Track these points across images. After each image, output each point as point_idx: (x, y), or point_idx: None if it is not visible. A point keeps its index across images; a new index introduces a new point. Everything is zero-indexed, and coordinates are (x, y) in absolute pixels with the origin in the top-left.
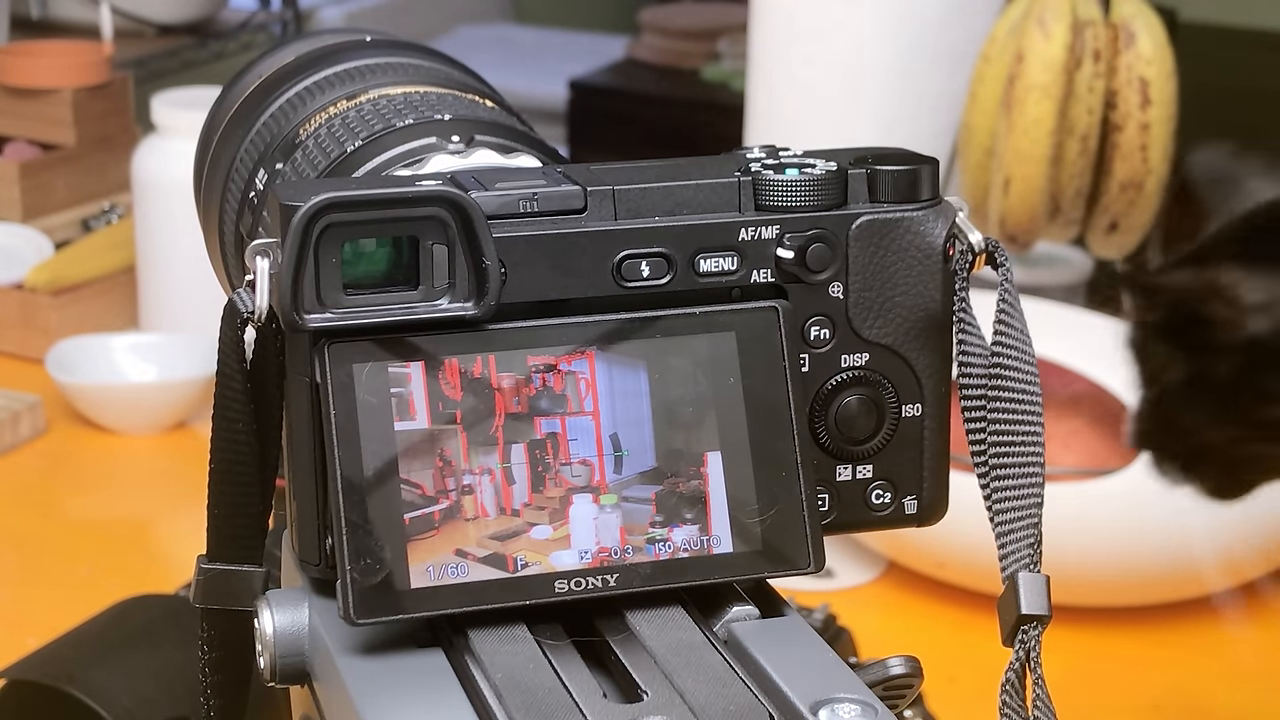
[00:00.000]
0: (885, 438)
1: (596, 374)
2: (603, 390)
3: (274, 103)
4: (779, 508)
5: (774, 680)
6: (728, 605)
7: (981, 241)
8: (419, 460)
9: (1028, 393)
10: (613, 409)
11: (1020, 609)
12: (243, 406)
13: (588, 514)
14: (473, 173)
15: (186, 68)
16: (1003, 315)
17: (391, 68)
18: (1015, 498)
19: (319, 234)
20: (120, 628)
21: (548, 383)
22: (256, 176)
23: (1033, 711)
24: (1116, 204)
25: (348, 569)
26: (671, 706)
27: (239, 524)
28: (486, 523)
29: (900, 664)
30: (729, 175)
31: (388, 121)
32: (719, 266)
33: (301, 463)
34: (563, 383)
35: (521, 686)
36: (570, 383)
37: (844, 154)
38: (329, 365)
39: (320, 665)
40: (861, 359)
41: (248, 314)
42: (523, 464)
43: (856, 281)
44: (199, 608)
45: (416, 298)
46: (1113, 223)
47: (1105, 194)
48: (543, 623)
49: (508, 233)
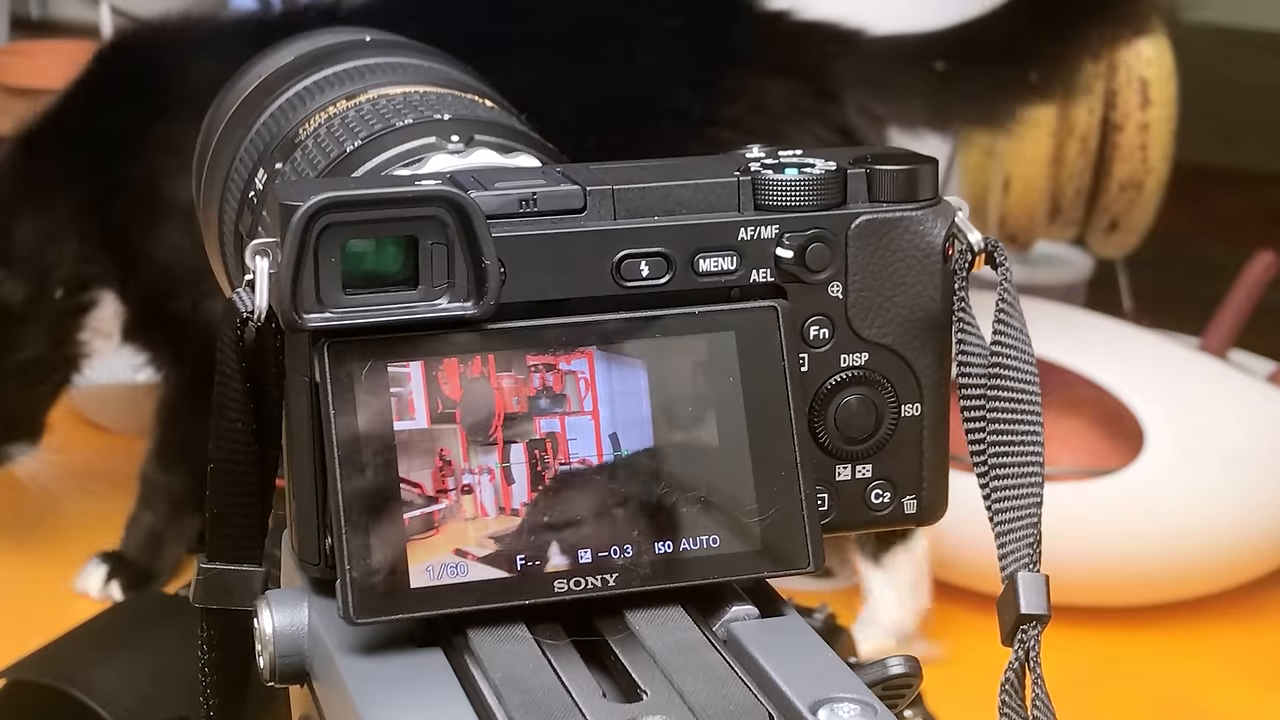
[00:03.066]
0: (884, 437)
1: (596, 374)
2: (602, 390)
3: (273, 103)
4: (778, 507)
5: (773, 680)
6: (727, 605)
7: (981, 241)
8: (419, 460)
9: (1027, 393)
10: (612, 408)
11: (1020, 608)
12: (243, 406)
13: (587, 513)
14: (472, 172)
15: None
16: (1002, 315)
17: (391, 67)
18: (1015, 498)
19: (319, 234)
20: (120, 628)
21: (547, 382)
22: (256, 176)
23: (1032, 711)
24: (1116, 204)
25: (347, 569)
26: (671, 706)
27: (239, 524)
28: (486, 522)
29: (900, 664)
30: (728, 175)
31: (387, 121)
32: (718, 266)
33: (301, 463)
34: (562, 382)
35: (521, 686)
36: (570, 382)
37: (843, 153)
38: (328, 365)
39: (320, 665)
40: (861, 359)
41: (247, 314)
42: (522, 464)
43: (856, 281)
44: (199, 607)
45: (416, 297)
46: (1113, 222)
47: (1105, 194)
48: (542, 622)
49: (507, 232)
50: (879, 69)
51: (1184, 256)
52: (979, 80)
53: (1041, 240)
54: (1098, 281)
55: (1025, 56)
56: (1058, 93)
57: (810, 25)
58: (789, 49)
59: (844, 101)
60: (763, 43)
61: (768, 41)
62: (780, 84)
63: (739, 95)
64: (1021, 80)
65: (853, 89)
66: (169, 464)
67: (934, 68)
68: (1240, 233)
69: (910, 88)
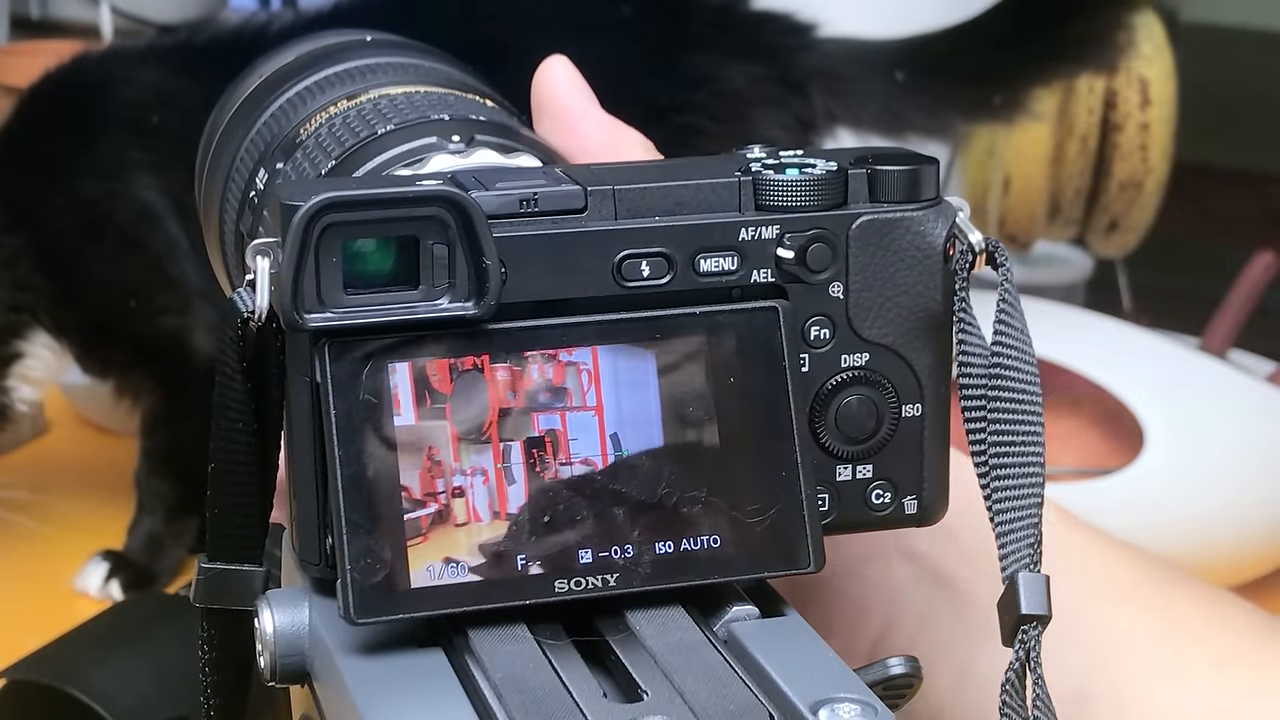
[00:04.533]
0: (885, 438)
1: (597, 373)
2: (604, 389)
3: (274, 103)
4: (779, 508)
5: (774, 680)
6: (728, 605)
7: (981, 241)
8: (419, 460)
9: (1028, 393)
10: (612, 408)
11: (1020, 609)
12: (243, 406)
13: (588, 513)
14: (473, 172)
15: None
16: (1003, 315)
17: (392, 68)
18: (1015, 498)
19: (319, 234)
20: (120, 628)
21: (547, 382)
22: (256, 176)
23: (1033, 711)
24: (1116, 203)
25: (348, 569)
26: (671, 706)
27: (239, 524)
28: (486, 523)
29: (900, 664)
30: (729, 175)
31: (388, 121)
32: (719, 266)
33: (302, 462)
34: (563, 381)
35: (521, 686)
36: (571, 381)
37: (844, 154)
38: (329, 365)
39: (320, 665)
40: (861, 359)
41: (248, 313)
42: (521, 463)
43: (856, 281)
44: (199, 607)
45: (416, 297)
46: (1113, 222)
47: (1105, 194)
48: (543, 622)
49: (508, 232)
50: (840, 69)
51: (1184, 256)
52: (938, 97)
53: (1041, 240)
54: (1098, 281)
55: (988, 79)
56: (1017, 118)
57: (765, 15)
58: (747, 35)
59: (809, 94)
60: (719, 30)
61: (723, 29)
62: (741, 68)
63: (702, 82)
64: (983, 102)
65: (813, 84)
66: (157, 469)
67: (894, 76)
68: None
69: (869, 93)
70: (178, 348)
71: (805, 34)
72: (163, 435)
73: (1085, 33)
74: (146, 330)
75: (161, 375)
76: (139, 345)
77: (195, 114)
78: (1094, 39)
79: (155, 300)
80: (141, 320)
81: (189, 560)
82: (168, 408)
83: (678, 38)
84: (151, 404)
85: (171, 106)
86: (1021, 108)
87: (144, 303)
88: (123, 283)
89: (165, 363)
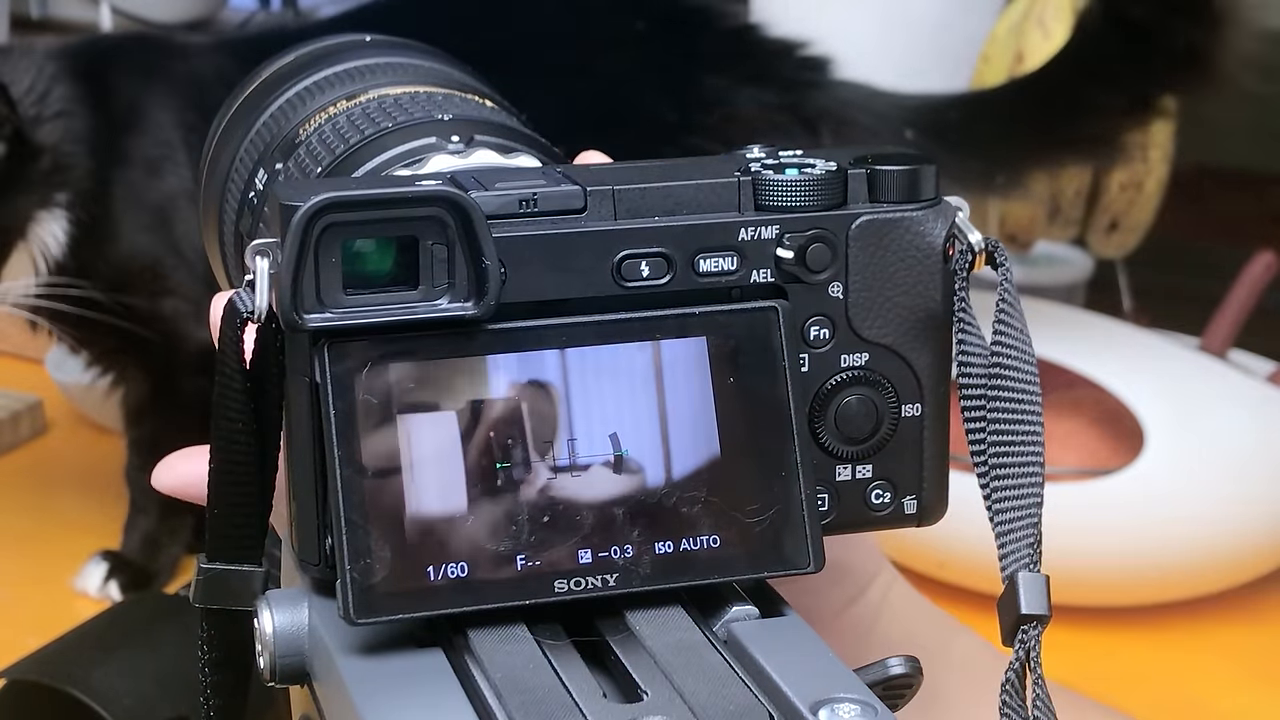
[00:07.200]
0: (885, 438)
1: (597, 373)
2: (603, 389)
3: (274, 103)
4: (779, 508)
5: (774, 680)
6: (728, 605)
7: (981, 241)
8: (419, 460)
9: (1028, 393)
10: (612, 408)
11: (1020, 609)
12: (243, 406)
13: (587, 514)
14: (473, 173)
15: None
16: (1003, 315)
17: (391, 68)
18: (1015, 498)
19: (319, 234)
20: (120, 628)
21: (547, 382)
22: (256, 176)
23: (1033, 711)
24: (1116, 203)
25: (347, 569)
26: (671, 706)
27: (239, 524)
28: (486, 523)
29: (900, 664)
30: (729, 175)
31: (388, 121)
32: (719, 266)
33: (301, 463)
34: (563, 382)
35: (521, 686)
36: (570, 381)
37: (844, 154)
38: (329, 365)
39: (320, 665)
40: (861, 359)
41: (247, 314)
42: (520, 464)
43: (856, 281)
44: (199, 608)
45: (416, 298)
46: (1113, 222)
47: (1105, 194)
48: (542, 623)
49: (508, 233)
50: (852, 115)
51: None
52: (942, 164)
53: (1041, 240)
54: (1098, 281)
55: (994, 158)
56: (1014, 195)
57: (783, 43)
58: (762, 63)
59: (819, 131)
60: (734, 54)
61: (739, 54)
62: (754, 94)
63: (713, 104)
64: (985, 177)
65: (823, 122)
66: (145, 463)
67: (903, 133)
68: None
69: (877, 144)
70: (171, 333)
71: (821, 70)
72: (149, 425)
73: (1099, 132)
74: (147, 307)
75: (151, 362)
76: (138, 319)
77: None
78: (1106, 140)
79: (168, 280)
80: (147, 293)
81: (188, 560)
82: (155, 396)
83: (692, 58)
84: (139, 392)
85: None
86: (1021, 187)
87: (156, 279)
88: (144, 253)
89: (156, 348)
